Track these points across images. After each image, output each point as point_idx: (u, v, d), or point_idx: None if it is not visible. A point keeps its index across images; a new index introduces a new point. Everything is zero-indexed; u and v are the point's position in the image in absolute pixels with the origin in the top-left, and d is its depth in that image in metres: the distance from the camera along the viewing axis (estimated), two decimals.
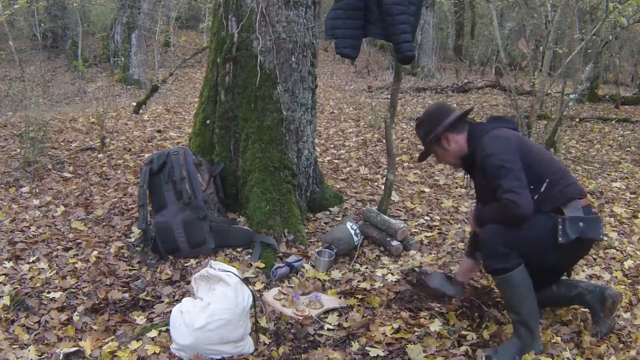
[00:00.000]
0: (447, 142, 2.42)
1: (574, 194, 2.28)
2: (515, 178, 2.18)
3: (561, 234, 2.19)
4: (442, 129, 2.39)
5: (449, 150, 2.44)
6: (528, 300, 2.25)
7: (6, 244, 3.28)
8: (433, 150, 2.50)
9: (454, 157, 2.46)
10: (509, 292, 2.27)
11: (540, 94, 5.90)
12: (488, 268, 2.31)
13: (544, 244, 2.24)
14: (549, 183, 2.26)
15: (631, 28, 8.77)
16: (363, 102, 9.56)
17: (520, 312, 2.25)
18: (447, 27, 19.11)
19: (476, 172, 2.42)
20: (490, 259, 2.25)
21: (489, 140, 2.30)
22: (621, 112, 9.50)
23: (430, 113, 2.51)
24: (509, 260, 2.21)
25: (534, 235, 2.22)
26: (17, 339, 2.42)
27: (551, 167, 2.32)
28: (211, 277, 2.28)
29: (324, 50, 17.73)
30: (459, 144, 2.42)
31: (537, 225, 2.22)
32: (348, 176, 4.66)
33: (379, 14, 3.09)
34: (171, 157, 3.27)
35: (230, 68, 3.41)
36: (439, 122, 2.41)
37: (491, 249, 2.23)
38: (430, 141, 2.44)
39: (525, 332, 2.25)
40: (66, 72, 13.61)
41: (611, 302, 2.41)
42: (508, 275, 2.23)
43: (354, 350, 2.34)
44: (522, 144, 2.33)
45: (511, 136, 2.33)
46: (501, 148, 2.25)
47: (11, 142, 5.34)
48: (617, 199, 4.56)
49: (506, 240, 2.20)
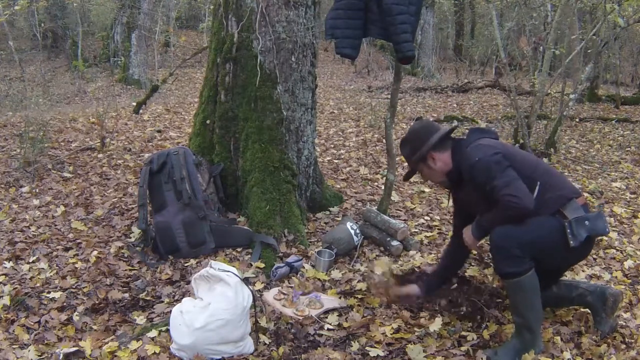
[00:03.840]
0: (432, 161, 2.41)
1: (570, 194, 2.27)
2: (507, 174, 2.18)
3: (571, 237, 2.17)
4: (426, 148, 2.38)
5: (434, 169, 2.43)
6: (536, 304, 2.25)
7: (6, 244, 3.28)
8: (419, 168, 2.49)
9: (440, 175, 2.45)
10: (519, 296, 2.25)
11: (540, 94, 5.91)
12: (500, 271, 2.27)
13: (555, 247, 2.23)
14: (541, 186, 2.25)
15: (631, 28, 8.78)
16: (363, 102, 9.56)
17: (526, 316, 2.25)
18: (447, 27, 19.11)
19: (463, 187, 2.40)
20: (504, 262, 2.21)
21: (472, 149, 2.30)
22: (621, 112, 9.49)
23: (415, 132, 2.50)
24: (522, 264, 2.19)
25: (545, 238, 2.21)
26: (17, 339, 2.42)
27: (539, 170, 2.31)
28: (211, 277, 2.28)
29: (324, 50, 17.74)
30: (444, 161, 2.41)
31: (546, 228, 2.21)
32: (348, 176, 4.66)
33: (379, 14, 3.09)
34: (171, 157, 3.28)
35: (230, 68, 3.41)
36: (424, 141, 2.40)
37: (505, 252, 2.20)
38: (415, 160, 2.43)
39: (528, 335, 2.25)
40: (66, 72, 13.63)
41: (612, 300, 2.41)
42: (521, 279, 2.20)
43: (354, 350, 2.34)
44: (506, 150, 2.32)
45: (494, 144, 2.34)
46: (487, 153, 2.25)
47: (11, 142, 5.33)
48: (617, 199, 4.56)
49: (521, 243, 2.18)
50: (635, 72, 13.99)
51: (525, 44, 6.22)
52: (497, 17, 6.20)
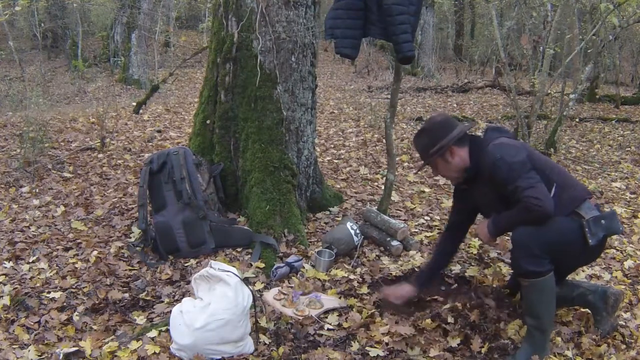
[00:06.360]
0: (451, 155, 2.38)
1: (583, 194, 2.29)
2: (531, 176, 2.18)
3: (590, 235, 2.18)
4: (447, 142, 2.34)
5: (451, 163, 2.39)
6: (552, 306, 2.26)
7: (6, 244, 3.28)
8: (434, 162, 2.44)
9: (456, 170, 2.41)
10: (536, 296, 2.25)
11: (540, 94, 5.90)
12: (521, 270, 2.24)
13: (573, 247, 2.23)
14: (557, 187, 2.25)
15: (631, 28, 8.77)
16: (363, 102, 9.56)
17: (541, 317, 2.25)
18: (447, 27, 19.11)
19: (478, 185, 2.39)
20: (525, 259, 2.20)
21: (494, 147, 2.28)
22: (621, 112, 9.49)
23: (436, 123, 2.44)
24: (544, 265, 2.18)
25: (564, 238, 2.21)
26: (17, 339, 2.42)
27: (555, 171, 2.33)
28: (211, 277, 2.28)
29: (324, 50, 17.74)
30: (462, 157, 2.38)
31: (564, 228, 2.21)
32: (348, 176, 4.66)
33: (379, 14, 3.09)
34: (171, 157, 3.27)
35: (230, 68, 3.41)
36: (445, 134, 2.36)
37: (527, 250, 2.19)
38: (433, 153, 2.38)
39: (540, 338, 2.25)
40: (66, 72, 13.63)
41: (614, 299, 2.42)
42: (541, 280, 2.20)
43: (354, 350, 2.34)
44: (527, 149, 2.32)
45: (516, 143, 2.35)
46: (509, 152, 2.24)
47: (11, 142, 5.34)
48: (617, 199, 4.56)
49: (543, 242, 2.17)
50: (635, 72, 13.99)
51: (527, 42, 6.21)
52: (497, 17, 6.20)
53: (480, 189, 2.41)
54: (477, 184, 2.41)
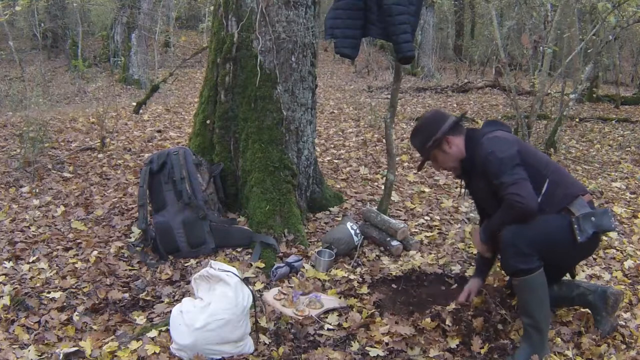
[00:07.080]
0: (447, 146, 2.42)
1: (577, 191, 2.29)
2: (516, 172, 2.19)
3: (578, 232, 2.19)
4: (441, 133, 2.39)
5: (449, 153, 2.43)
6: (544, 304, 2.26)
7: (6, 244, 3.28)
8: (433, 155, 2.48)
9: (455, 160, 2.44)
10: (527, 294, 2.26)
11: (540, 94, 5.90)
12: (510, 269, 2.27)
13: (562, 244, 2.23)
14: (549, 183, 2.26)
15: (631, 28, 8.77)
16: (363, 102, 9.56)
17: (535, 315, 2.25)
18: (447, 27, 19.10)
19: (475, 177, 2.41)
20: (513, 259, 2.22)
21: (488, 140, 2.31)
22: (621, 112, 9.50)
23: (428, 119, 2.51)
24: (532, 262, 2.20)
25: (553, 236, 2.22)
26: (17, 339, 2.41)
27: (549, 167, 2.33)
28: (211, 277, 2.28)
29: (324, 50, 17.74)
30: (458, 146, 2.42)
31: (553, 225, 2.22)
32: (348, 176, 4.66)
33: (378, 14, 3.09)
34: (171, 157, 3.27)
35: (230, 68, 3.41)
36: (438, 127, 2.41)
37: (515, 249, 2.20)
38: (430, 147, 2.42)
39: (537, 337, 2.25)
40: (66, 72, 13.62)
41: (614, 299, 2.42)
42: (530, 277, 2.21)
43: (354, 350, 2.34)
44: (520, 145, 2.34)
45: (509, 137, 2.35)
46: (501, 146, 2.26)
47: (11, 142, 5.34)
48: (617, 199, 4.56)
49: (531, 240, 2.18)
50: (635, 72, 13.98)
51: (527, 42, 6.21)
52: (497, 17, 6.20)
53: (475, 182, 2.44)
54: (474, 177, 2.43)
